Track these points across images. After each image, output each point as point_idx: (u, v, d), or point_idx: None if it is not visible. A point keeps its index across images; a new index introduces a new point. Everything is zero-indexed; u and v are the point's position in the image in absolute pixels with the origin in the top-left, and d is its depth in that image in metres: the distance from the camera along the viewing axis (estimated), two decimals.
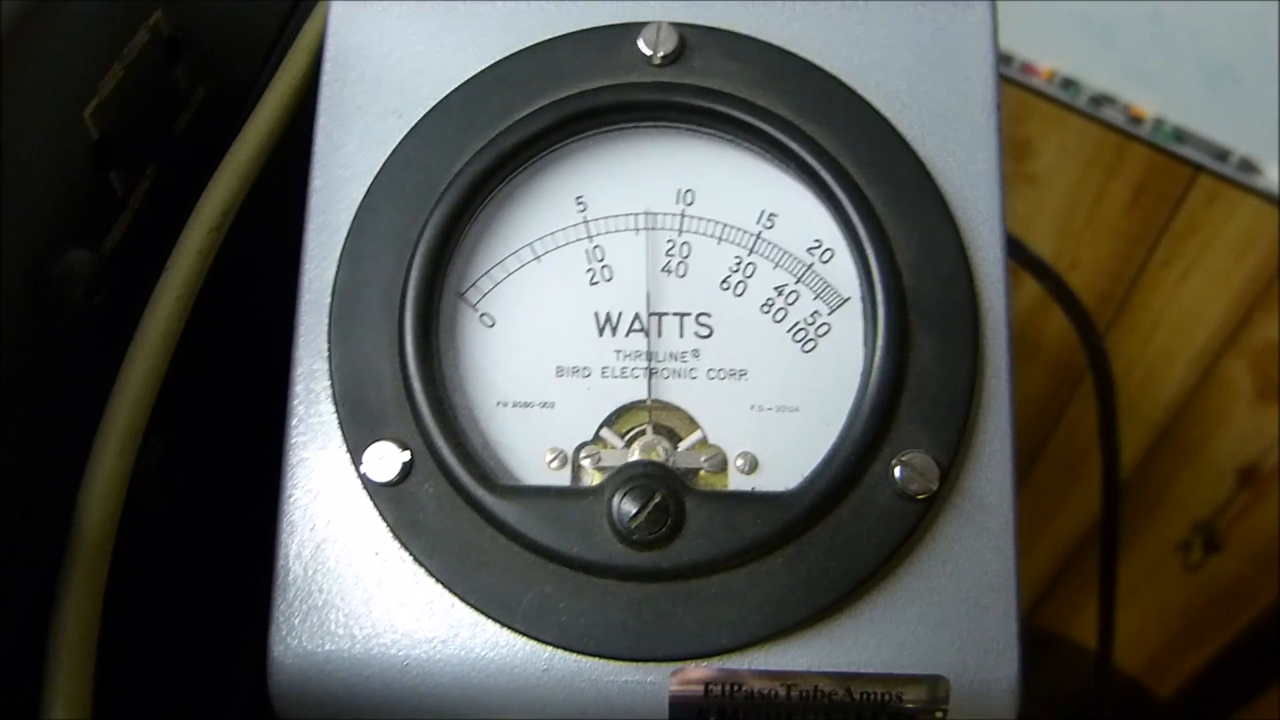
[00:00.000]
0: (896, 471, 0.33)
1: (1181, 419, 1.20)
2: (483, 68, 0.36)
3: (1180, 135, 1.00)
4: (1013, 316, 0.35)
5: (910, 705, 0.32)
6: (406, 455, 0.33)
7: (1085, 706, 1.14)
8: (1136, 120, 1.01)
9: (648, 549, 0.32)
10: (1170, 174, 1.03)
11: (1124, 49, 0.98)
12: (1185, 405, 1.19)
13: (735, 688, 0.33)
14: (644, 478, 0.33)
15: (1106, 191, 1.08)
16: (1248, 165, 0.99)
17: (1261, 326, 1.08)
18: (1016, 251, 0.81)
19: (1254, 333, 1.09)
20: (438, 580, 0.33)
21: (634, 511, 0.32)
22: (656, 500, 0.32)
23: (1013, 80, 1.03)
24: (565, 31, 0.36)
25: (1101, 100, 1.01)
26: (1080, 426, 1.23)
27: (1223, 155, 0.99)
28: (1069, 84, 1.02)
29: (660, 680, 0.33)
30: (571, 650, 0.32)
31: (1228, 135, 0.99)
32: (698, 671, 0.32)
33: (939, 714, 0.33)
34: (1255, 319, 1.09)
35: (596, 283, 0.36)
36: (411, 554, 0.33)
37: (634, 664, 0.32)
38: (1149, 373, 1.19)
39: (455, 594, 0.33)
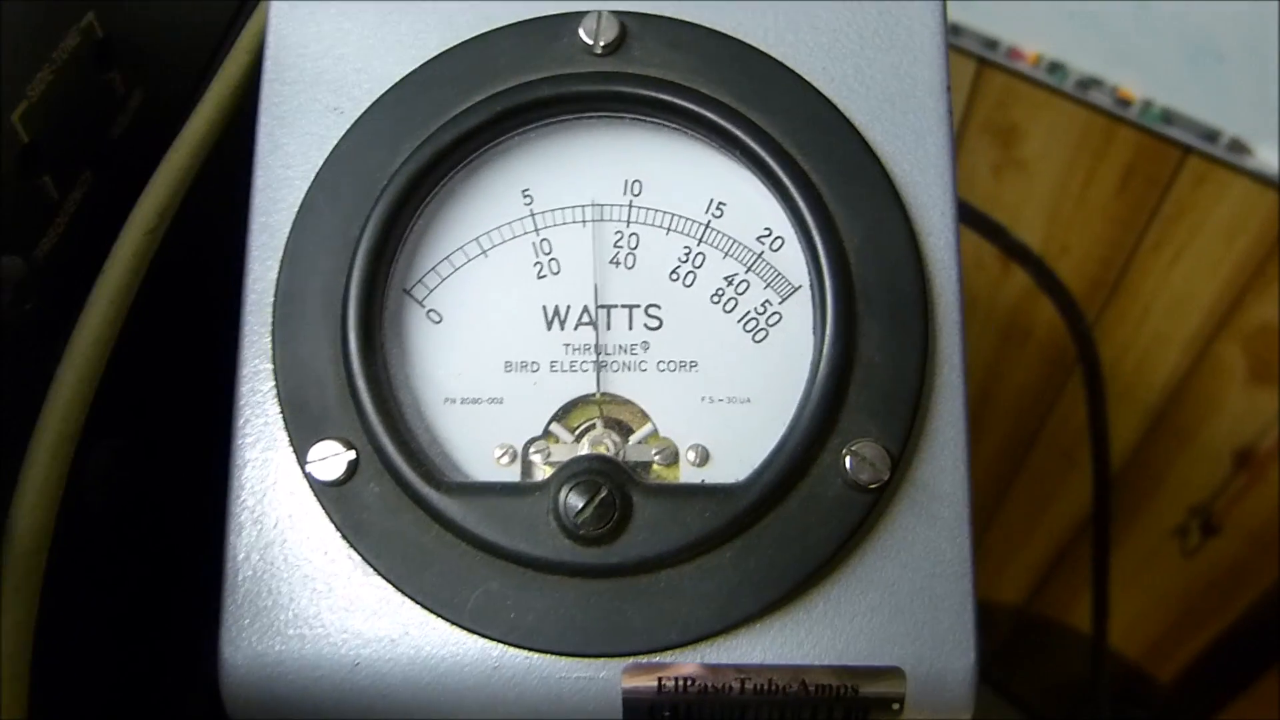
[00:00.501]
0: (846, 461, 0.32)
1: (1176, 403, 1.20)
2: (422, 63, 0.36)
3: (1168, 117, 0.99)
4: (966, 302, 0.34)
5: (866, 696, 0.32)
6: (351, 454, 0.33)
7: (1085, 692, 1.13)
8: (1124, 103, 1.00)
9: (595, 545, 0.32)
10: (1159, 156, 1.03)
11: (1108, 31, 0.97)
12: (1179, 389, 1.18)
13: (688, 682, 0.32)
14: (589, 472, 0.32)
15: (1095, 175, 1.07)
16: (1237, 146, 0.99)
17: (1254, 308, 1.08)
18: (1001, 239, 0.80)
19: (1247, 314, 1.09)
20: (386, 579, 0.33)
21: (580, 506, 0.32)
22: (602, 495, 0.32)
23: (999, 65, 1.03)
24: (504, 24, 0.36)
25: (1089, 83, 1.00)
26: (1075, 412, 1.23)
27: (1212, 136, 0.99)
28: (1055, 67, 1.01)
29: (612, 676, 0.32)
30: (521, 647, 0.32)
31: (1216, 116, 0.98)
32: (649, 667, 0.32)
33: (895, 705, 0.32)
34: (1248, 301, 1.08)
35: (544, 276, 0.36)
36: (359, 553, 0.33)
37: (585, 660, 0.32)
38: (1142, 357, 1.19)
39: (404, 593, 0.33)
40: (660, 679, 0.32)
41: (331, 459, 0.33)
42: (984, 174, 1.12)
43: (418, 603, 0.32)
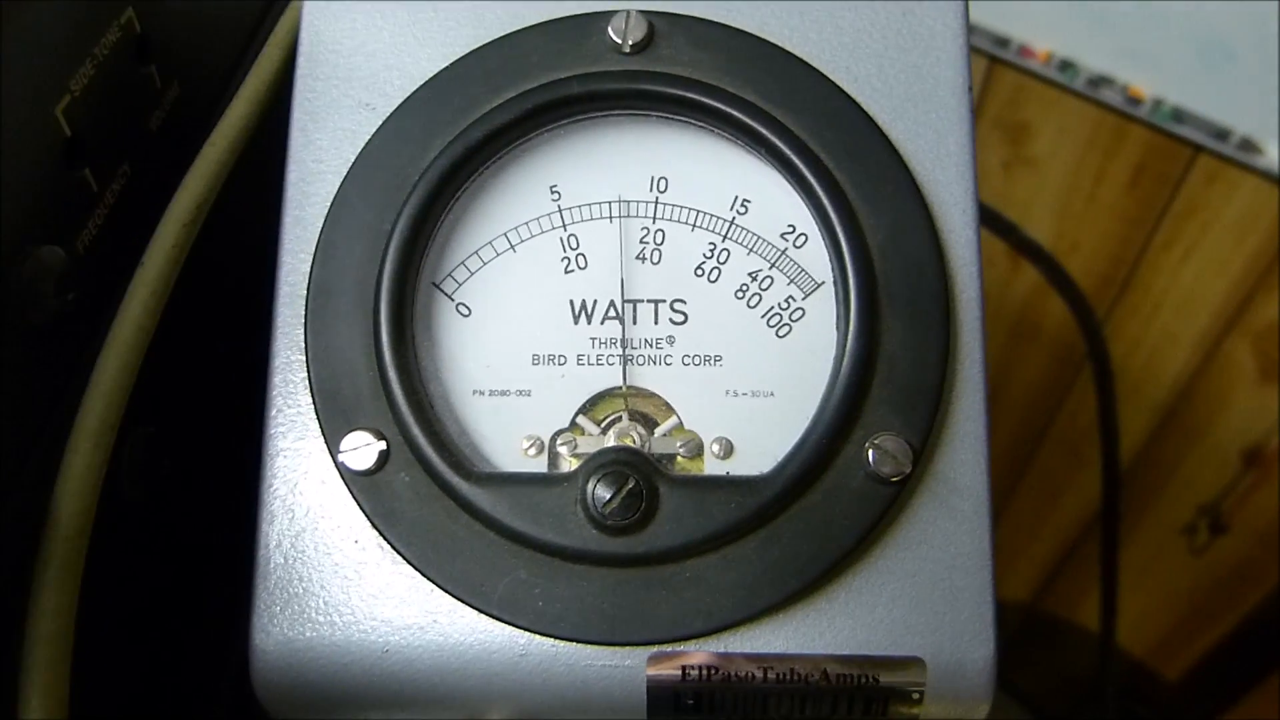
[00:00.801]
0: (869, 454, 0.33)
1: (1185, 401, 1.20)
2: (452, 61, 0.36)
3: (1179, 115, 0.99)
4: (985, 299, 0.35)
5: (886, 686, 0.33)
6: (382, 444, 0.34)
7: (1092, 690, 1.14)
8: (1135, 101, 1.01)
9: (622, 534, 0.32)
10: (1170, 155, 1.03)
11: (1119, 29, 0.97)
12: (1188, 387, 1.18)
13: (712, 671, 0.33)
14: (617, 464, 0.33)
15: (1106, 173, 1.08)
16: (1248, 145, 0.99)
17: (1264, 307, 1.08)
18: (1012, 236, 0.81)
19: (1256, 313, 1.09)
20: (415, 568, 0.33)
21: (608, 497, 0.32)
22: (630, 486, 0.32)
23: (1010, 63, 1.03)
24: (534, 22, 0.36)
25: (1099, 81, 1.00)
26: (1084, 409, 1.23)
27: (1222, 135, 0.99)
28: (1066, 66, 1.01)
29: (637, 665, 0.33)
30: (548, 635, 0.32)
31: (1227, 114, 0.98)
32: (673, 655, 0.33)
33: (915, 695, 0.33)
34: (1258, 299, 1.08)
35: (571, 271, 0.36)
36: (389, 542, 0.33)
37: (610, 648, 0.33)
38: (1151, 355, 1.19)
39: (433, 581, 0.33)
40: (684, 668, 0.33)
41: (363, 449, 0.34)
42: (994, 171, 1.12)
43: (446, 591, 0.33)
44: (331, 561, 0.34)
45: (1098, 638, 0.97)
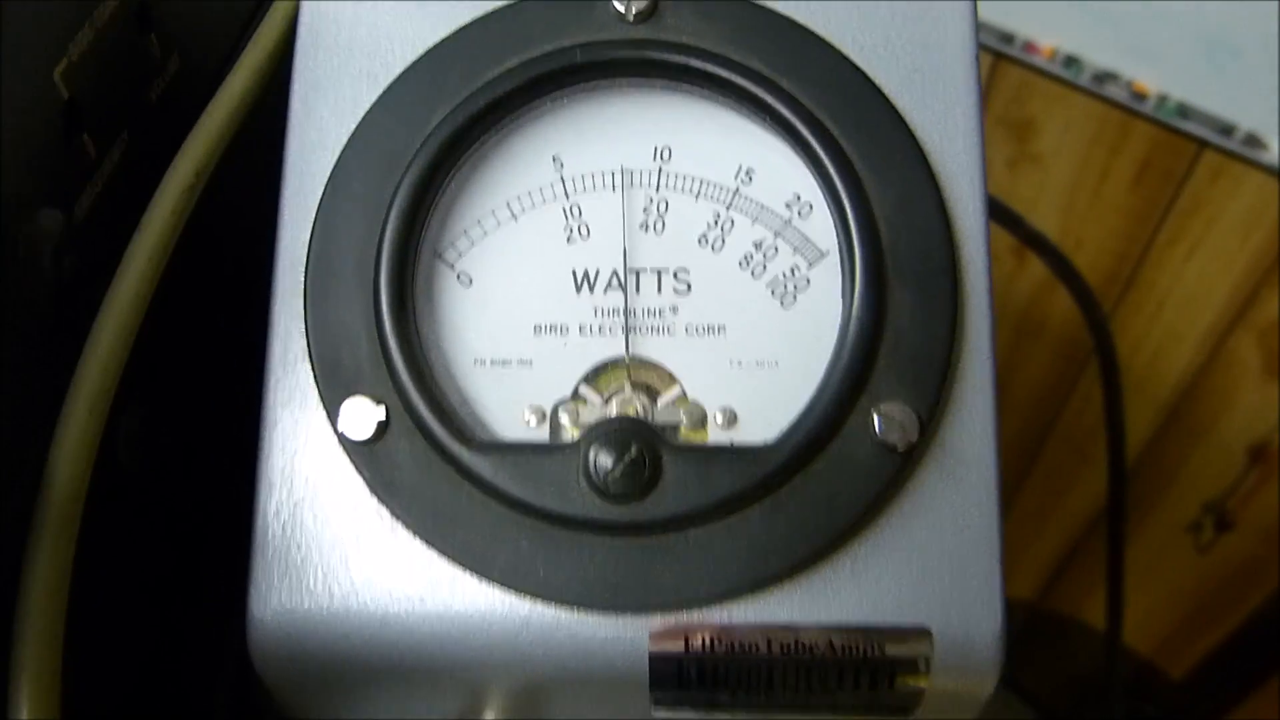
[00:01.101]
0: (875, 423, 0.33)
1: (1190, 398, 1.19)
2: (455, 29, 0.36)
3: (1184, 111, 0.99)
4: (992, 270, 0.34)
5: (893, 657, 0.32)
6: (382, 412, 0.33)
7: (1098, 688, 1.13)
8: (1140, 97, 1.00)
9: (624, 502, 0.32)
10: (1174, 151, 1.02)
11: (1124, 25, 0.97)
12: (1193, 384, 1.18)
13: (715, 641, 0.32)
14: (620, 432, 0.32)
15: (1111, 170, 1.07)
16: (1253, 140, 0.98)
17: (1269, 303, 1.08)
18: (1017, 227, 0.80)
19: (1261, 309, 1.08)
20: (416, 536, 0.33)
21: (610, 465, 0.32)
22: (632, 453, 0.32)
23: (1015, 59, 1.03)
24: None
25: (1104, 77, 1.00)
26: (1089, 406, 1.23)
27: (1227, 131, 0.98)
28: (1071, 62, 1.01)
29: (640, 635, 0.32)
30: (550, 602, 0.32)
31: (1231, 110, 0.98)
32: (677, 624, 0.32)
33: (921, 666, 0.32)
34: (1262, 295, 1.08)
35: (574, 240, 0.36)
36: (389, 511, 0.33)
37: (614, 617, 0.32)
38: (1156, 351, 1.19)
39: (433, 549, 0.33)
40: (687, 639, 0.32)
41: (363, 417, 0.34)
42: (999, 167, 1.12)
43: (447, 559, 0.33)
44: (330, 531, 0.33)
45: (1104, 636, 0.96)
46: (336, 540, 0.33)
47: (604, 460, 0.32)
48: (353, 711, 0.36)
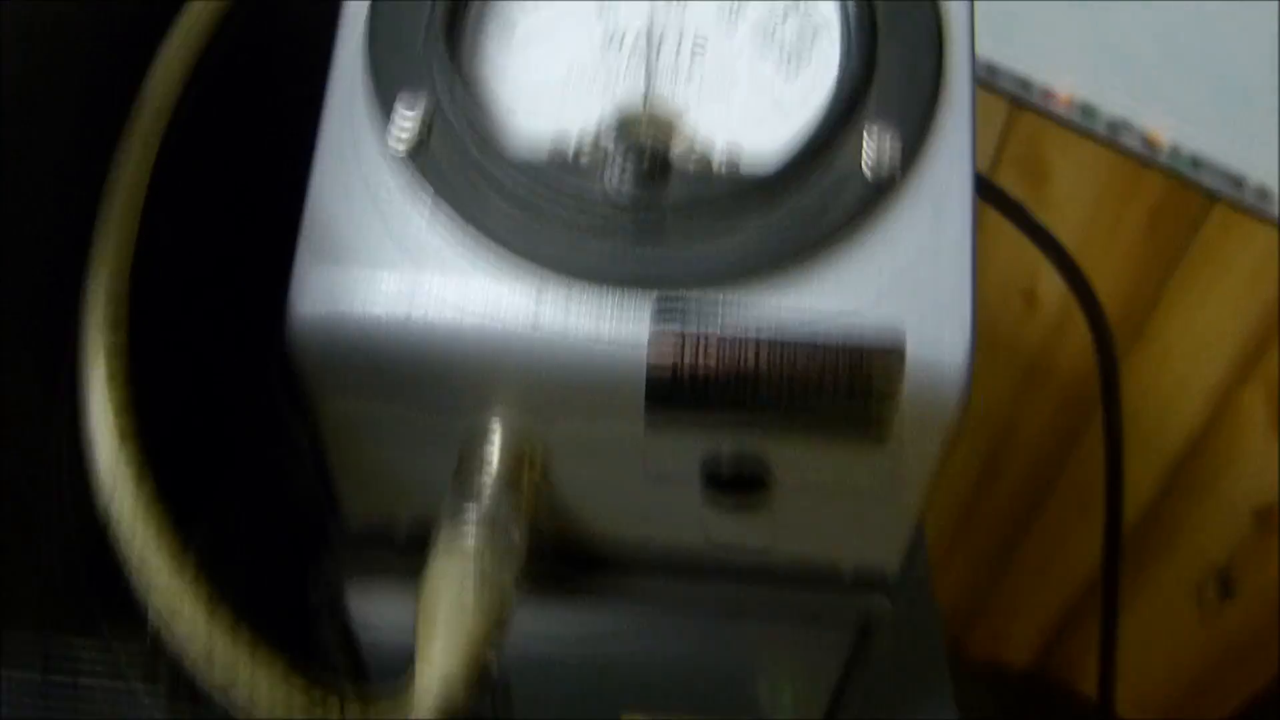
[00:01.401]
0: (864, 150, 0.36)
1: (1196, 453, 1.19)
2: None
3: (1196, 162, 1.01)
4: (975, 31, 0.39)
5: (868, 346, 0.35)
6: (425, 123, 0.37)
7: None
8: (1153, 146, 1.03)
9: (636, 200, 0.35)
10: (1186, 201, 1.04)
11: (1137, 73, 1.00)
12: (1200, 439, 1.18)
13: (706, 346, 0.35)
14: (636, 135, 0.36)
15: (1122, 219, 1.10)
16: (1263, 193, 1.00)
17: (1278, 357, 1.08)
18: (1021, 219, 0.83)
19: (1270, 364, 1.09)
20: (449, 234, 0.36)
21: (624, 150, 0.36)
22: (646, 149, 0.36)
23: (1031, 105, 1.07)
24: None
25: (1119, 126, 1.03)
26: (1092, 460, 1.23)
27: (1238, 182, 1.00)
28: (1087, 110, 1.04)
29: (642, 309, 0.35)
30: (563, 273, 0.35)
31: (1242, 162, 1.00)
32: (672, 327, 0.35)
33: (895, 362, 0.35)
34: (1271, 350, 1.08)
35: (605, 11, 0.40)
36: (429, 215, 0.37)
37: (619, 291, 0.35)
38: (1164, 404, 1.19)
39: (465, 244, 0.36)
40: (681, 344, 0.35)
41: (409, 128, 0.37)
42: None
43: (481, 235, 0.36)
44: (374, 231, 0.37)
45: (1096, 710, 0.95)
46: (379, 240, 0.36)
47: (619, 155, 0.36)
48: (381, 413, 0.39)
